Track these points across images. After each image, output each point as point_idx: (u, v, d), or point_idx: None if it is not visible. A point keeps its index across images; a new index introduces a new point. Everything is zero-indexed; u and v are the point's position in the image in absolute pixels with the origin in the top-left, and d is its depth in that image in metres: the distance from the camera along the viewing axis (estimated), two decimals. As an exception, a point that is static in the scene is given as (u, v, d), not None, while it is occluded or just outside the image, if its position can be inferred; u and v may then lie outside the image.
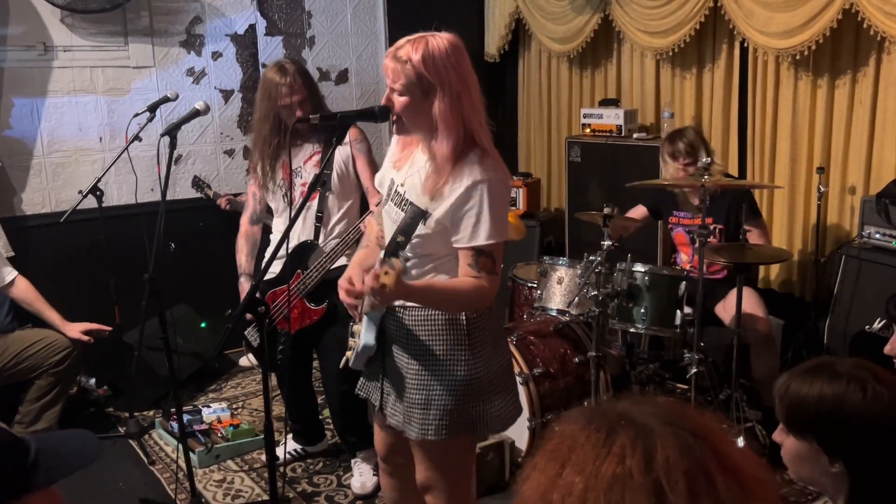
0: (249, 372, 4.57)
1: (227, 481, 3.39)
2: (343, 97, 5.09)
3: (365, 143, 3.24)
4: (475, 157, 1.99)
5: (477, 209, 1.97)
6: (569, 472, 0.85)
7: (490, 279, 2.03)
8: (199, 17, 4.58)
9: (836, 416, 1.40)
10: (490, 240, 1.99)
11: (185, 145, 4.60)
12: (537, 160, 5.48)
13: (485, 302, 2.08)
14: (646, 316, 3.26)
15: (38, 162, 4.22)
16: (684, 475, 0.82)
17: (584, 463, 0.84)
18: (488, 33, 5.46)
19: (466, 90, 1.98)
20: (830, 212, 3.86)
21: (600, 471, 0.82)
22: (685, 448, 0.84)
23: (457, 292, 2.04)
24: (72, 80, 4.26)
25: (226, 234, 3.38)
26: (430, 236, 2.05)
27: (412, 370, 2.12)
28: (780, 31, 3.72)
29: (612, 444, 0.84)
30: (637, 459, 0.82)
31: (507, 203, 2.10)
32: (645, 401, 0.91)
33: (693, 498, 0.81)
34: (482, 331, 2.11)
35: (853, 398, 1.39)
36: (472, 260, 2.01)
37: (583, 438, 0.86)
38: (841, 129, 3.78)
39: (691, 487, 0.81)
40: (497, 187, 1.99)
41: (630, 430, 0.85)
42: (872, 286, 3.38)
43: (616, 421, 0.87)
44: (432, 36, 1.98)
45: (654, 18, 4.34)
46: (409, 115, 2.00)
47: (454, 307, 2.07)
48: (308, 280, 3.11)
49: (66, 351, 3.51)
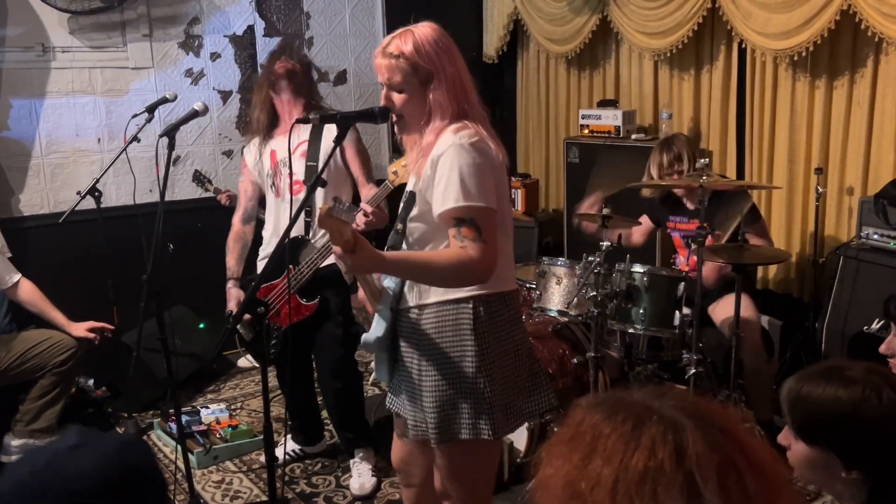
0: (248, 373, 4.57)
1: (226, 482, 3.39)
2: (341, 98, 5.09)
3: (353, 132, 3.22)
4: (451, 128, 1.96)
5: (446, 174, 1.91)
6: (595, 462, 0.85)
7: (478, 248, 1.90)
8: (197, 18, 4.58)
9: (853, 424, 1.37)
10: (460, 202, 1.89)
11: (183, 146, 4.60)
12: (535, 161, 5.49)
13: (476, 273, 1.94)
14: (644, 316, 3.26)
15: (36, 163, 4.22)
16: (716, 470, 0.82)
17: (612, 454, 0.84)
18: (487, 34, 5.47)
19: (458, 74, 1.98)
20: (829, 213, 3.86)
21: (630, 463, 0.83)
22: (714, 443, 0.84)
23: (437, 263, 1.94)
24: (70, 81, 4.26)
25: (224, 235, 3.37)
26: (420, 219, 2.02)
27: (421, 373, 2.08)
28: (778, 32, 3.73)
29: (640, 436, 0.84)
30: (668, 453, 0.82)
31: (484, 168, 1.94)
32: (666, 393, 0.91)
33: (724, 493, 0.81)
34: (492, 329, 2.03)
35: (870, 405, 1.36)
36: (455, 230, 1.92)
37: (608, 429, 0.86)
38: (839, 130, 3.78)
39: (722, 482, 0.81)
40: (468, 151, 1.91)
41: (660, 423, 0.85)
42: (871, 287, 3.38)
43: (643, 413, 0.87)
44: (415, 27, 1.99)
45: (652, 19, 4.35)
46: (410, 110, 1.99)
47: (438, 279, 1.98)
48: (300, 277, 3.11)
49: (70, 351, 3.53)
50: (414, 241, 2.07)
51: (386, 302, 2.13)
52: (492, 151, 1.98)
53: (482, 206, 1.92)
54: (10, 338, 3.58)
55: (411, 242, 2.08)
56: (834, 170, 3.83)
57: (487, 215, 1.94)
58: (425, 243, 2.06)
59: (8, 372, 3.46)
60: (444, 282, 1.98)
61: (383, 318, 2.13)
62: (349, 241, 1.80)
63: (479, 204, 1.91)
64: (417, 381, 2.09)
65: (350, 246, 1.81)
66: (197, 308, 4.47)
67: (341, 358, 3.28)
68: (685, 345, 3.30)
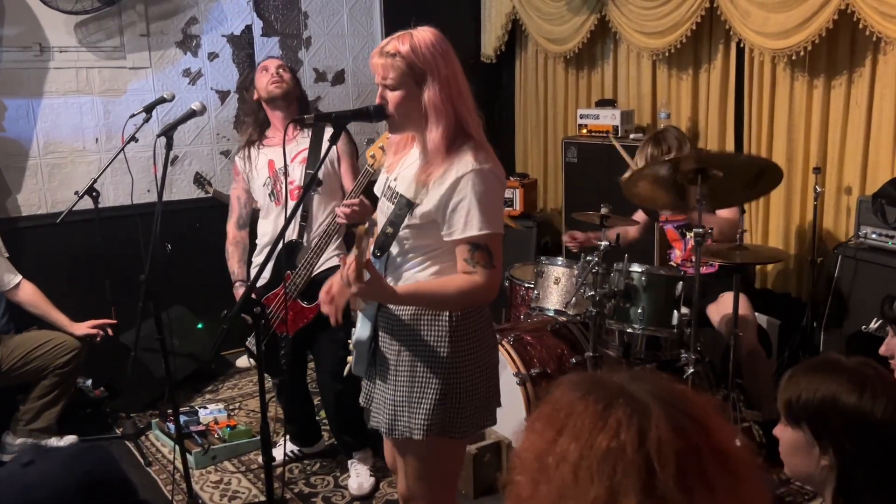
0: (246, 373, 4.57)
1: (224, 482, 3.38)
2: (339, 98, 5.09)
3: (351, 146, 3.26)
4: (468, 149, 1.98)
5: (468, 200, 1.95)
6: (565, 438, 0.88)
7: (486, 274, 1.98)
8: (195, 17, 4.58)
9: (831, 408, 1.43)
10: (483, 230, 1.95)
11: (181, 146, 4.59)
12: (534, 161, 5.48)
13: (482, 297, 2.04)
14: (643, 316, 3.26)
15: (33, 163, 4.22)
16: (675, 455, 0.84)
17: (580, 432, 0.87)
18: (485, 34, 5.46)
19: (454, 77, 1.99)
20: (827, 212, 3.86)
21: (595, 442, 0.86)
22: (678, 429, 0.86)
23: (447, 290, 2.01)
24: (68, 81, 4.25)
25: (222, 235, 3.37)
26: (419, 228, 2.03)
27: (395, 367, 2.10)
28: (776, 31, 3.73)
29: (608, 416, 0.87)
30: (631, 435, 0.85)
31: (501, 195, 2.05)
32: (644, 377, 0.93)
33: (681, 477, 0.84)
34: (466, 329, 2.07)
35: (850, 393, 1.42)
36: (468, 254, 1.98)
37: (581, 408, 0.89)
38: (837, 130, 3.78)
39: (680, 467, 0.84)
40: (488, 177, 1.96)
41: (627, 406, 0.88)
42: (869, 286, 3.38)
43: (615, 395, 0.89)
44: (415, 30, 2.01)
45: (650, 19, 4.35)
46: (402, 109, 1.99)
47: (447, 305, 2.04)
48: (298, 279, 3.11)
49: (73, 352, 3.54)
50: (409, 248, 2.08)
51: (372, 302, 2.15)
52: (501, 175, 2.04)
53: (498, 233, 2.00)
54: (11, 339, 3.58)
55: (406, 249, 2.08)
56: (832, 169, 3.83)
57: (498, 240, 2.02)
58: (416, 248, 2.07)
59: (11, 373, 3.46)
60: (451, 307, 2.05)
61: (367, 317, 2.16)
62: (363, 266, 1.85)
63: (496, 232, 1.99)
64: (388, 374, 2.12)
65: (363, 273, 1.86)
66: (195, 308, 4.46)
67: (342, 360, 3.24)
68: (683, 344, 3.29)
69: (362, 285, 1.86)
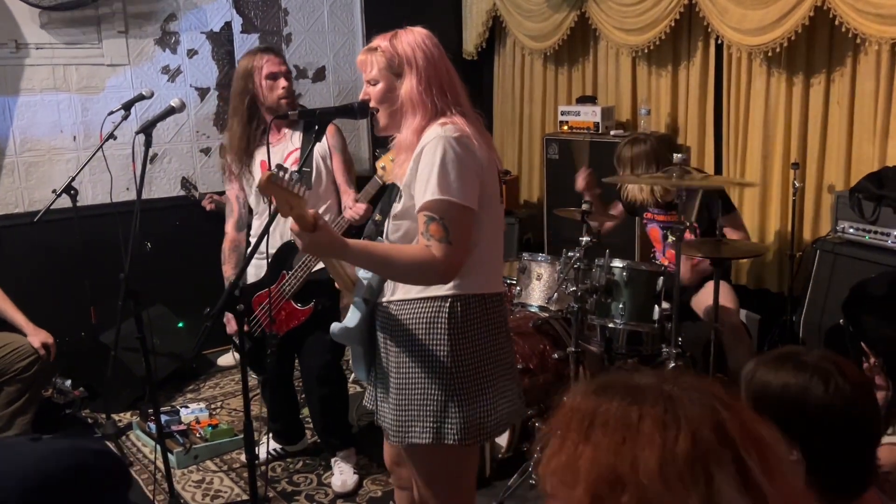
0: (228, 372, 4.54)
1: (206, 482, 3.37)
2: (321, 95, 5.07)
3: (340, 139, 3.22)
4: (437, 122, 1.95)
5: (428, 167, 1.88)
6: (629, 447, 0.85)
7: (442, 249, 1.86)
8: (173, 14, 4.54)
9: (798, 407, 1.42)
10: (436, 195, 1.85)
11: (160, 144, 4.56)
12: (513, 157, 5.49)
13: (436, 275, 1.90)
14: (624, 311, 3.28)
15: (10, 161, 4.17)
16: (755, 442, 0.86)
17: (650, 439, 0.85)
18: (466, 31, 5.47)
19: (435, 72, 1.97)
20: (807, 207, 3.89)
21: (674, 446, 0.84)
22: (737, 418, 0.88)
23: (398, 258, 1.90)
24: (45, 79, 4.21)
25: (202, 234, 3.36)
26: (404, 215, 2.00)
27: (392, 369, 2.06)
28: (754, 28, 3.76)
29: (675, 418, 0.86)
30: (708, 431, 0.85)
31: (468, 165, 1.91)
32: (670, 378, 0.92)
33: (764, 463, 0.85)
34: (468, 329, 1.99)
35: (816, 390, 1.41)
36: (424, 226, 1.88)
37: (635, 414, 0.87)
38: (817, 126, 3.81)
39: (763, 456, 0.86)
40: (451, 144, 1.88)
41: (686, 403, 0.87)
42: (847, 280, 3.40)
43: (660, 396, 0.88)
44: (402, 29, 2.01)
45: (629, 16, 4.37)
46: (385, 104, 1.99)
47: (399, 275, 1.96)
48: (293, 280, 3.09)
49: (32, 357, 3.44)
50: (397, 238, 2.03)
51: (360, 292, 2.10)
52: (476, 149, 1.94)
53: (456, 201, 1.87)
54: None
55: (392, 240, 2.05)
56: (812, 165, 3.86)
57: (460, 213, 1.89)
58: (406, 239, 2.02)
59: None
60: (405, 278, 1.97)
61: (358, 308, 2.12)
62: (305, 217, 1.78)
63: (454, 199, 1.87)
64: (390, 378, 2.07)
65: (308, 224, 1.79)
66: (175, 307, 4.43)
67: (329, 363, 3.25)
68: (665, 339, 3.32)
69: (311, 234, 1.79)
